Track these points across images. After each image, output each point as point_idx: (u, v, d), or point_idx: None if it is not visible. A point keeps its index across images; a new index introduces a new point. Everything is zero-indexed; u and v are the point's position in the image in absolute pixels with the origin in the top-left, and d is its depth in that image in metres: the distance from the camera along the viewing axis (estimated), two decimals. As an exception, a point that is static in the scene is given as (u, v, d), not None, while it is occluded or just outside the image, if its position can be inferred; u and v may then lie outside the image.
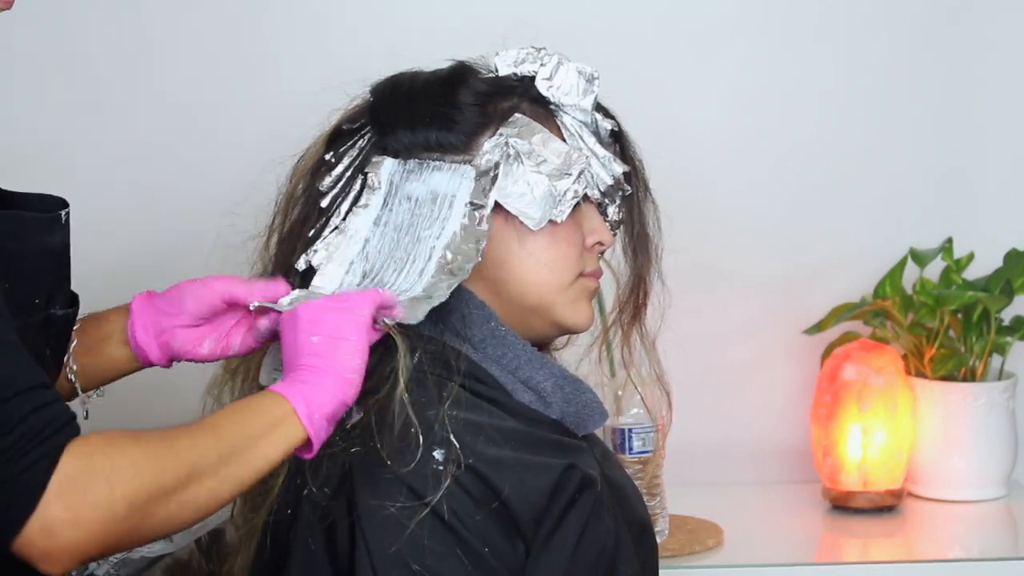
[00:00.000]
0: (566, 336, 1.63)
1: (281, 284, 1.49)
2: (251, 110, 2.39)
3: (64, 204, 1.41)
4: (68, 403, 1.29)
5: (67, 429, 1.22)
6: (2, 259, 1.31)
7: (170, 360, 1.52)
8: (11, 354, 1.24)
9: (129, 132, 2.39)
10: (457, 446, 1.40)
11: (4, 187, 1.43)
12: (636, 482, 1.71)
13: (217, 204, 1.60)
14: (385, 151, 1.53)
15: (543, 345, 1.59)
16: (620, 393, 2.13)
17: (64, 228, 1.40)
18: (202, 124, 2.41)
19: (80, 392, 1.50)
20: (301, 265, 1.50)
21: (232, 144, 2.35)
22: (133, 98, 2.40)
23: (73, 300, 1.45)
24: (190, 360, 1.52)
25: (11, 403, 1.21)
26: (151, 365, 1.53)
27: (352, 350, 1.38)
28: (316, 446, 1.36)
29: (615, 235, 1.59)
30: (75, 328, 1.47)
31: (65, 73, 2.38)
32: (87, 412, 1.48)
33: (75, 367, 1.49)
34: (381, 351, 1.44)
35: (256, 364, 1.51)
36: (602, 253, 1.58)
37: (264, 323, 1.48)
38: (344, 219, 1.51)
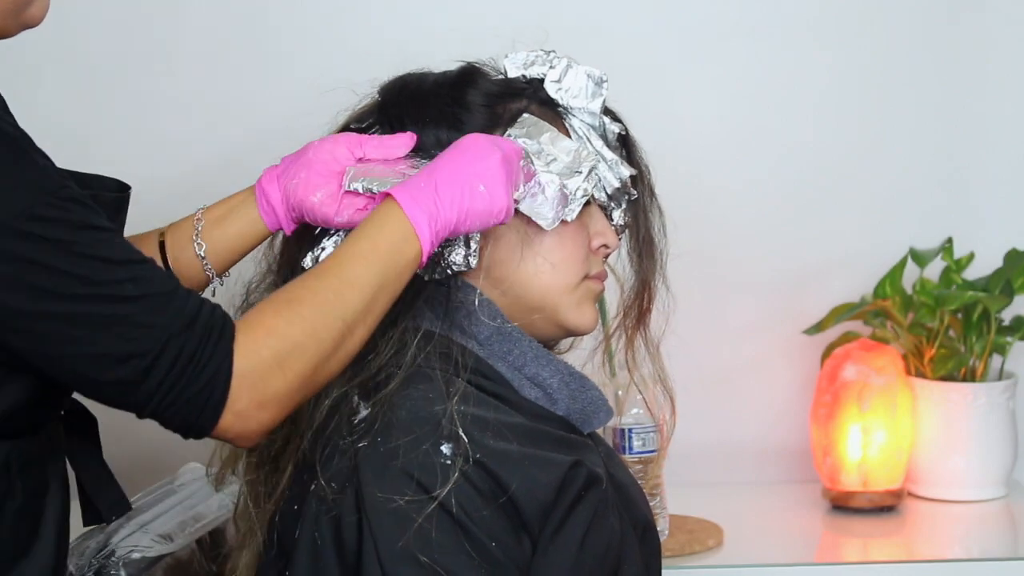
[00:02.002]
0: (570, 339, 1.63)
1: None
2: (259, 109, 2.39)
3: (127, 187, 1.51)
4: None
5: (228, 329, 1.34)
6: None
7: (294, 213, 1.54)
8: (151, 266, 1.35)
9: (131, 131, 2.39)
10: (466, 441, 1.40)
11: None
12: (638, 482, 1.71)
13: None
14: None
15: (548, 346, 1.59)
16: (620, 393, 2.13)
17: (126, 209, 1.50)
18: (208, 123, 2.41)
19: (210, 271, 1.60)
20: (308, 263, 1.50)
21: (239, 143, 2.35)
22: (135, 97, 2.41)
23: None
24: (311, 219, 1.52)
25: (169, 312, 1.32)
26: (276, 226, 1.56)
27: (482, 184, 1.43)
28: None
29: (620, 239, 1.60)
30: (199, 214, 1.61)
31: (66, 70, 2.38)
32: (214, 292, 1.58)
33: (203, 243, 1.59)
34: (393, 347, 1.45)
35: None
36: (607, 256, 1.58)
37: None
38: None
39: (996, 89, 2.50)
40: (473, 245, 1.48)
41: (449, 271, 1.49)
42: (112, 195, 1.49)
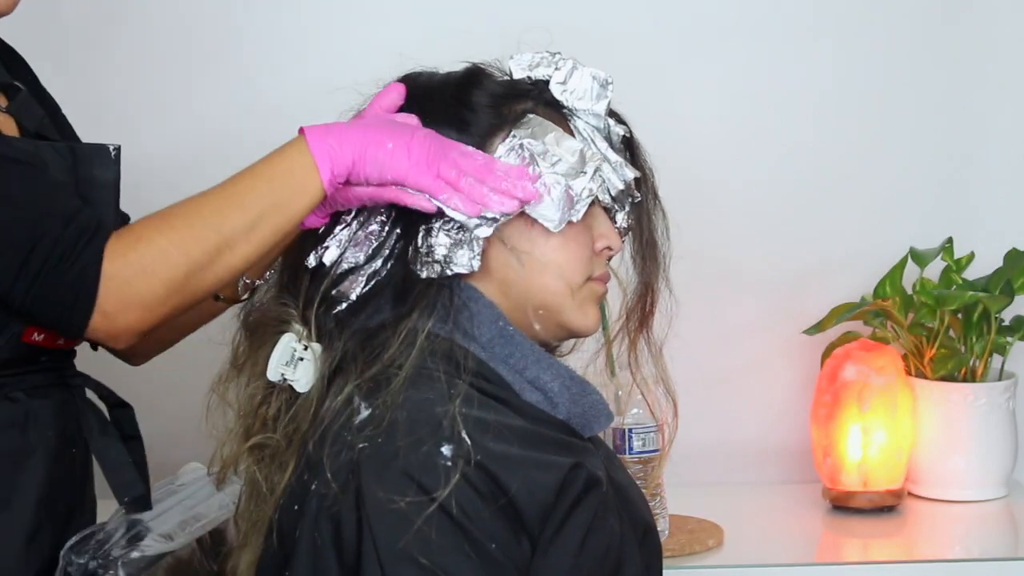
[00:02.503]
0: (572, 341, 1.63)
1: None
2: (263, 110, 2.39)
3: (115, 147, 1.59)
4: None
5: (101, 232, 1.44)
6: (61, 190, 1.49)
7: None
8: (35, 176, 1.46)
9: (134, 132, 2.38)
10: (469, 443, 1.40)
11: None
12: (638, 482, 1.71)
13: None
14: None
15: (549, 348, 1.59)
16: (620, 393, 2.13)
17: (115, 164, 1.58)
18: (211, 125, 2.41)
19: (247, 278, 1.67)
20: (311, 262, 1.50)
21: (243, 144, 2.34)
22: (138, 97, 2.41)
23: None
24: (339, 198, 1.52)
25: (45, 210, 1.44)
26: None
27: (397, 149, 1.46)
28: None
29: (623, 242, 1.59)
30: None
31: (68, 68, 2.38)
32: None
33: None
34: (403, 343, 1.44)
35: (264, 359, 1.50)
36: (610, 258, 1.58)
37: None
38: (355, 215, 1.51)
39: (996, 89, 2.50)
40: (476, 248, 1.48)
41: (449, 271, 1.48)
42: (92, 147, 1.57)
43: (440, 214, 1.47)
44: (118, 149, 1.59)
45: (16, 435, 1.55)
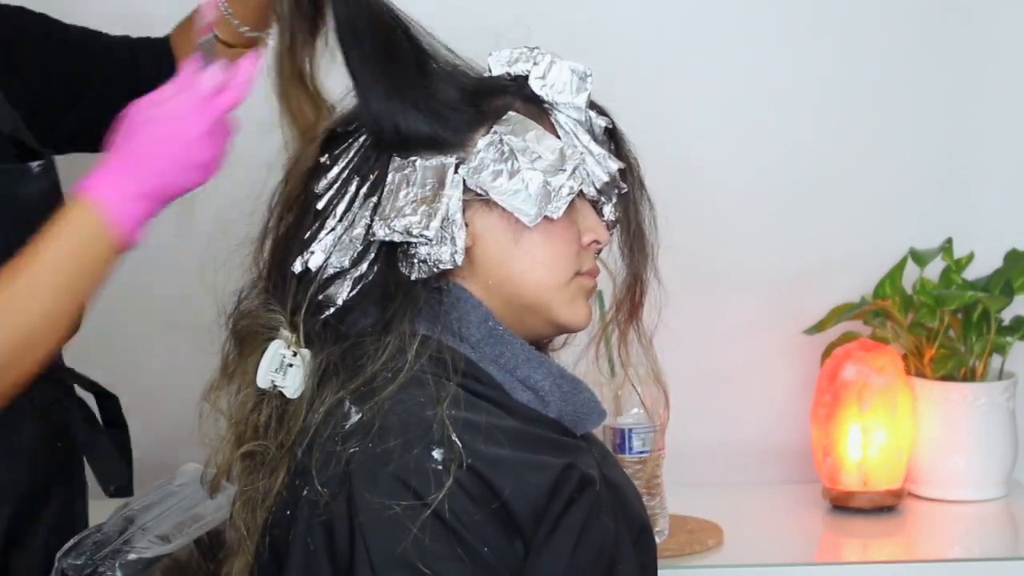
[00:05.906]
0: (564, 336, 1.63)
1: None
2: (245, 112, 2.38)
3: (36, 156, 1.53)
4: None
5: None
6: None
7: None
8: None
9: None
10: (460, 446, 1.40)
11: None
12: (636, 482, 1.71)
13: (211, 209, 1.61)
14: (381, 151, 1.53)
15: (541, 345, 1.59)
16: (619, 393, 2.13)
17: (37, 179, 1.52)
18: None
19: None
20: (297, 267, 1.50)
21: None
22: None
23: None
24: None
25: None
26: None
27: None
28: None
29: (611, 234, 1.59)
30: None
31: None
32: None
33: None
34: (389, 352, 1.45)
35: (253, 366, 1.50)
36: (598, 252, 1.58)
37: None
38: (339, 219, 1.51)
39: (996, 89, 2.50)
40: (459, 243, 1.48)
41: (435, 269, 1.48)
42: (8, 168, 1.52)
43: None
44: (42, 163, 1.54)
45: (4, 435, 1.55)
